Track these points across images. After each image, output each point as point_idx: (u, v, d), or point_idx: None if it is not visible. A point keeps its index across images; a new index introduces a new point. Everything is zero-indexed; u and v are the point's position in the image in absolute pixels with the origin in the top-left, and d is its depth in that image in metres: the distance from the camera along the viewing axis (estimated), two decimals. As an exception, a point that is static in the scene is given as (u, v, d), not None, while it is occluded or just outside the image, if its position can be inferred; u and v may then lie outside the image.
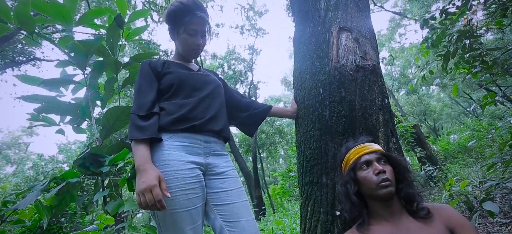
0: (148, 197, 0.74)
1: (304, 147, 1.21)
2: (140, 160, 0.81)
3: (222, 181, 0.95)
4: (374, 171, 0.76)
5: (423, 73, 3.12)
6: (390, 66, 17.61)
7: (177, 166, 0.85)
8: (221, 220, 0.89)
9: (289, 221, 3.47)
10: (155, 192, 0.74)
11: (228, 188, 0.94)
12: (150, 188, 0.74)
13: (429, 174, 3.24)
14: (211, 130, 0.97)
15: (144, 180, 0.76)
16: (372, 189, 0.75)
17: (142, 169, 0.79)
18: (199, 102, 0.98)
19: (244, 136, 17.15)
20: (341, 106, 1.17)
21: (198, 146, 0.94)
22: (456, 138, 7.29)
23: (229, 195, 0.93)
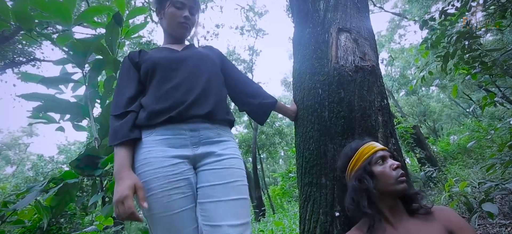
0: (121, 209, 0.67)
1: (303, 148, 1.21)
2: (116, 167, 0.74)
3: (211, 173, 0.79)
4: (391, 166, 0.76)
5: (422, 74, 3.13)
6: (390, 67, 17.63)
7: (158, 163, 0.75)
8: (202, 222, 0.73)
9: (288, 222, 3.46)
10: (126, 204, 0.67)
11: (215, 181, 0.77)
12: (122, 200, 0.67)
13: (429, 175, 3.24)
14: (195, 115, 0.82)
15: (117, 190, 0.69)
16: (390, 184, 0.73)
17: (118, 178, 0.72)
18: (176, 85, 0.85)
19: (244, 136, 17.15)
20: (340, 107, 1.17)
21: (184, 137, 0.80)
22: (456, 139, 7.30)
23: (215, 191, 0.76)
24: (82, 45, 1.03)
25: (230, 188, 0.78)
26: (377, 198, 0.75)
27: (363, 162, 0.79)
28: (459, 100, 13.62)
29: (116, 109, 0.83)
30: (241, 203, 0.78)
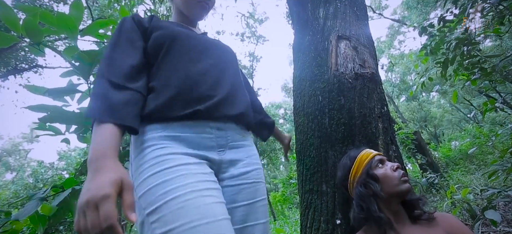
0: (92, 218, 0.41)
1: (304, 155, 1.21)
2: (94, 152, 0.48)
3: (238, 189, 0.63)
4: (392, 168, 0.77)
5: (422, 80, 3.14)
6: (390, 73, 17.69)
7: (180, 160, 0.55)
8: None
9: (289, 229, 3.42)
10: (104, 210, 0.41)
11: (244, 201, 0.63)
12: (96, 202, 0.41)
13: (430, 181, 3.22)
14: (226, 115, 0.66)
15: (90, 186, 0.43)
16: (394, 184, 0.74)
17: (93, 167, 0.46)
18: (203, 73, 0.66)
19: (244, 142, 17.05)
20: (341, 114, 1.17)
21: (210, 137, 0.63)
22: (458, 145, 7.26)
23: (243, 213, 0.61)
24: (88, 56, 1.04)
25: (259, 209, 0.65)
26: (383, 203, 0.75)
27: (364, 167, 0.80)
28: (460, 106, 13.61)
29: (114, 73, 0.58)
30: (266, 228, 0.66)
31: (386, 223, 0.72)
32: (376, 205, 0.74)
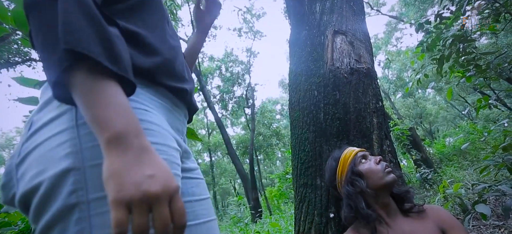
0: (163, 215, 0.32)
1: (299, 149, 1.21)
2: (126, 119, 0.35)
3: (196, 183, 0.58)
4: (375, 161, 0.78)
5: (418, 77, 3.16)
6: (387, 70, 17.78)
7: (168, 139, 0.46)
8: None
9: (285, 223, 3.46)
10: (179, 206, 0.34)
11: (202, 194, 0.58)
12: (171, 195, 0.33)
13: (424, 176, 3.27)
14: (193, 105, 0.61)
15: (150, 171, 0.33)
16: (379, 177, 0.75)
17: (136, 144, 0.34)
18: (177, 50, 0.58)
19: (241, 137, 17.14)
20: (336, 109, 1.18)
21: (180, 121, 0.57)
22: (452, 141, 7.37)
23: (204, 207, 0.57)
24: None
25: (210, 205, 0.61)
26: (372, 198, 0.76)
27: (348, 166, 0.81)
28: (455, 103, 13.77)
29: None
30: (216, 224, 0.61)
31: (375, 219, 0.73)
32: (363, 202, 0.75)
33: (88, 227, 0.35)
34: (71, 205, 0.35)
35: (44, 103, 0.42)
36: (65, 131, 0.38)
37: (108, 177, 0.32)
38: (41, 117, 0.41)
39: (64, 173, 0.36)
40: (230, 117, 18.07)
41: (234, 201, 3.79)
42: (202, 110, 20.78)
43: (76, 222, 0.35)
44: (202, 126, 21.28)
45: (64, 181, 0.36)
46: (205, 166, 21.94)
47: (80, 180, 0.36)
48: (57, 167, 0.36)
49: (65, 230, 0.35)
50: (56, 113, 0.40)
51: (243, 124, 20.90)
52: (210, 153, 21.37)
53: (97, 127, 0.34)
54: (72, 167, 0.36)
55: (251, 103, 13.95)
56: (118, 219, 0.29)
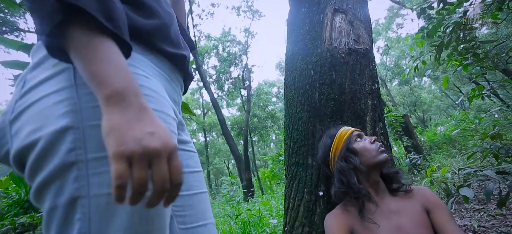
0: (162, 171, 0.32)
1: (292, 128, 1.20)
2: (125, 78, 0.34)
3: (189, 155, 0.58)
4: (369, 141, 0.80)
5: (416, 63, 3.14)
6: (385, 56, 17.67)
7: (166, 107, 0.45)
8: (178, 226, 0.51)
9: (276, 203, 3.57)
10: (177, 164, 0.33)
11: (195, 167, 0.58)
12: (170, 153, 0.33)
13: (413, 162, 3.37)
14: (189, 74, 0.60)
15: (151, 129, 0.33)
16: (373, 156, 0.77)
17: (136, 102, 0.34)
18: (172, 16, 0.57)
19: (236, 119, 17.18)
20: (331, 89, 1.16)
21: (177, 91, 0.56)
22: (443, 130, 7.54)
23: (197, 179, 0.57)
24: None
25: (202, 177, 0.61)
26: (363, 175, 0.78)
27: (343, 143, 0.82)
28: (449, 92, 13.93)
29: None
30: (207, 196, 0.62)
31: (365, 195, 0.75)
32: (356, 178, 0.76)
33: (86, 185, 0.35)
34: (69, 163, 0.35)
35: (37, 62, 0.41)
36: (63, 90, 0.37)
37: (108, 132, 0.31)
38: (35, 76, 0.39)
39: (62, 131, 0.35)
40: (226, 98, 17.97)
41: (227, 181, 3.86)
42: (198, 89, 20.56)
43: (74, 179, 0.35)
44: (198, 106, 21.16)
45: (63, 139, 0.35)
46: (200, 145, 22.13)
47: (79, 139, 0.36)
48: (56, 125, 0.35)
49: (63, 187, 0.35)
50: (53, 72, 0.39)
51: (238, 105, 20.87)
52: (204, 133, 21.46)
53: (96, 83, 0.33)
54: (71, 125, 0.36)
55: (247, 84, 13.83)
56: (119, 172, 0.29)
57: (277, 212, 2.89)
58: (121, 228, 0.35)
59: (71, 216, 0.34)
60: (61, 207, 0.34)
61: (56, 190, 0.35)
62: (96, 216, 0.34)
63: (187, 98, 19.56)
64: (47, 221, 0.35)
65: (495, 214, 1.79)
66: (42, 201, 0.36)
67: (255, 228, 2.44)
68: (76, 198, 0.34)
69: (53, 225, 0.35)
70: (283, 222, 1.11)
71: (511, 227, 1.50)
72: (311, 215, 0.99)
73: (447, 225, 0.69)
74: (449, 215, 0.72)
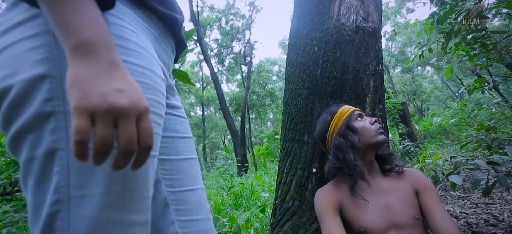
0: (130, 132, 0.29)
1: (290, 104, 1.19)
2: (96, 29, 0.32)
3: (179, 120, 0.56)
4: (370, 121, 0.80)
5: (422, 51, 3.06)
6: (391, 42, 17.25)
7: (153, 65, 0.42)
8: (166, 189, 0.50)
9: (268, 179, 3.67)
10: (148, 127, 0.31)
11: (185, 133, 0.57)
12: (140, 114, 0.31)
13: (406, 149, 3.44)
14: (182, 39, 0.57)
15: (120, 86, 0.30)
16: (371, 136, 0.77)
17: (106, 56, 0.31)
18: None
19: (235, 94, 17.08)
20: (334, 67, 1.13)
21: (167, 54, 0.53)
22: (439, 120, 7.61)
23: (186, 145, 0.55)
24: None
25: (192, 143, 0.59)
26: (360, 153, 0.78)
27: (344, 120, 0.81)
28: (451, 84, 13.86)
29: None
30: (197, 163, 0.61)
31: (359, 173, 0.75)
32: (352, 155, 0.77)
33: (64, 138, 0.33)
34: (46, 114, 0.33)
35: (9, 6, 0.38)
36: (39, 35, 0.34)
37: (72, 84, 0.29)
38: (8, 19, 0.36)
39: (38, 79, 0.33)
40: (226, 73, 17.70)
41: (222, 155, 3.92)
42: (198, 62, 20.15)
43: (52, 131, 0.33)
44: (197, 79, 20.89)
45: (38, 88, 0.33)
46: (197, 119, 22.22)
47: (56, 89, 0.33)
48: (30, 72, 0.33)
49: (40, 139, 0.33)
50: (27, 16, 0.36)
51: (238, 82, 20.64)
52: (202, 107, 21.45)
53: (62, 31, 0.30)
54: (47, 74, 0.33)
55: (248, 60, 13.56)
56: (79, 127, 0.27)
57: (269, 187, 2.98)
58: (101, 184, 0.33)
59: (49, 169, 0.33)
60: (38, 159, 0.33)
61: (32, 141, 0.33)
62: (75, 170, 0.33)
63: (186, 70, 19.24)
64: (24, 173, 0.34)
65: (478, 203, 1.86)
66: (19, 152, 0.34)
67: (247, 200, 2.52)
68: (54, 150, 0.33)
69: (30, 177, 0.33)
70: (274, 196, 1.14)
71: (491, 215, 1.57)
72: (303, 190, 1.02)
73: (434, 207, 0.71)
74: (437, 198, 0.73)
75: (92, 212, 0.32)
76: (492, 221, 1.46)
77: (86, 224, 0.32)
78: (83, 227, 0.32)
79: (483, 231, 1.31)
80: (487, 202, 1.85)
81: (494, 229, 1.33)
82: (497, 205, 1.76)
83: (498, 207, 1.72)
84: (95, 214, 0.32)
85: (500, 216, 1.51)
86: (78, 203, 0.32)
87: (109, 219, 0.33)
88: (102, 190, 0.33)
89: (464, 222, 1.51)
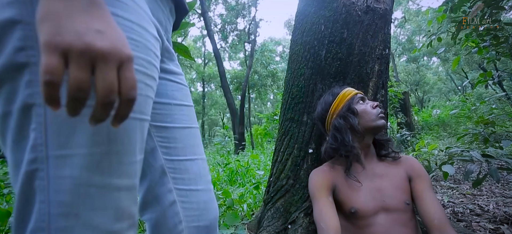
0: (109, 78, 0.27)
1: (292, 84, 1.17)
2: None
3: (177, 87, 0.53)
4: (371, 106, 0.80)
5: (432, 39, 2.97)
6: (399, 29, 16.72)
7: (144, 21, 0.39)
8: (163, 156, 0.49)
9: (265, 158, 3.72)
10: (131, 76, 0.28)
11: (184, 100, 0.54)
12: (121, 61, 0.28)
13: (403, 138, 3.47)
14: (181, 1, 0.54)
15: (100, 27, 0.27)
16: (371, 119, 0.77)
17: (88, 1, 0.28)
18: None
19: (236, 72, 16.85)
20: (339, 48, 1.09)
21: (163, 12, 0.49)
22: (439, 112, 7.61)
23: (184, 113, 0.53)
24: None
25: (192, 112, 0.56)
26: (358, 136, 0.78)
27: (345, 102, 0.80)
28: (455, 76, 13.66)
29: None
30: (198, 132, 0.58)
31: (355, 155, 0.76)
32: (350, 137, 0.76)
33: (40, 92, 0.30)
34: (20, 64, 0.30)
35: None
36: None
37: (44, 16, 0.25)
38: None
39: (7, 25, 0.30)
40: (229, 50, 17.31)
41: (220, 132, 3.95)
42: (201, 37, 19.60)
43: (27, 84, 0.30)
44: (199, 54, 20.47)
45: (8, 34, 0.30)
46: (197, 95, 22.10)
47: (29, 37, 0.30)
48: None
49: (15, 92, 0.30)
50: None
51: (240, 60, 20.25)
52: (203, 83, 21.24)
53: None
54: (18, 19, 0.30)
55: (252, 38, 13.20)
56: (49, 65, 0.23)
57: (265, 166, 3.04)
58: (83, 144, 0.30)
59: (26, 125, 0.30)
60: (14, 115, 0.30)
61: (7, 95, 0.30)
62: (53, 128, 0.30)
63: (189, 45, 18.77)
64: (2, 128, 0.32)
65: (466, 193, 1.90)
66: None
67: (242, 177, 2.58)
68: (30, 105, 0.30)
69: (8, 133, 0.31)
70: (269, 173, 1.16)
71: (477, 206, 1.61)
72: (298, 169, 1.03)
73: (425, 194, 0.72)
74: (429, 185, 0.74)
75: (73, 173, 0.30)
76: (478, 211, 1.50)
77: (67, 185, 0.30)
78: (64, 188, 0.30)
79: (468, 219, 1.36)
80: (475, 193, 1.90)
81: (478, 218, 1.38)
82: (485, 197, 1.81)
83: (485, 198, 1.77)
84: (77, 175, 0.30)
85: (486, 207, 1.56)
86: (58, 163, 0.30)
87: (92, 182, 0.31)
88: (84, 151, 0.31)
89: (451, 211, 1.56)
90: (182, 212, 0.50)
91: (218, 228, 1.23)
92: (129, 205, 0.35)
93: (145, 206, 0.51)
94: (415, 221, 0.73)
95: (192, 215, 0.50)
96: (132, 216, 0.36)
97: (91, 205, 0.31)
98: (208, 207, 0.52)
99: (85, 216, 0.30)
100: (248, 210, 1.42)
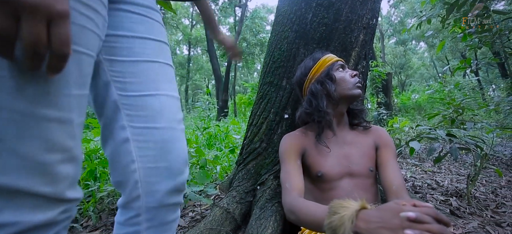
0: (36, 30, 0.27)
1: (274, 47, 1.11)
2: None
3: (139, 19, 0.49)
4: (350, 74, 0.78)
5: (422, 20, 2.96)
6: (393, 10, 16.54)
7: None
8: (117, 92, 0.46)
9: (245, 125, 3.74)
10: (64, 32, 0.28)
11: (148, 34, 0.49)
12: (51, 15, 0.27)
13: (380, 117, 3.61)
14: None
15: None
16: (348, 88, 0.76)
17: None
18: None
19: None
20: (327, 13, 1.03)
21: None
22: (417, 97, 7.95)
23: (148, 47, 0.49)
24: None
25: (161, 48, 0.51)
26: (333, 103, 0.77)
27: (325, 68, 0.77)
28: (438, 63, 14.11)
29: None
30: (173, 74, 0.54)
31: (328, 121, 0.75)
32: (325, 103, 0.75)
33: None
34: None
35: None
36: None
37: None
38: None
39: None
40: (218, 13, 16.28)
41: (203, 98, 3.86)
42: (187, -6, 18.06)
43: None
44: (187, 15, 19.11)
45: None
46: (183, 58, 21.14)
47: None
48: None
49: None
50: None
51: (230, 25, 19.26)
52: (189, 46, 20.23)
53: None
54: None
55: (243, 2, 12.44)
56: None
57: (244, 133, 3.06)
58: (4, 67, 0.29)
59: None
60: None
61: None
62: None
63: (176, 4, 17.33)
64: None
65: (427, 171, 2.07)
66: None
67: (220, 142, 2.58)
68: None
69: None
70: (244, 136, 1.15)
71: (434, 181, 1.76)
72: (272, 133, 1.02)
73: (389, 162, 0.75)
74: (393, 155, 0.77)
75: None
76: (434, 186, 1.64)
77: None
78: None
79: (424, 192, 1.48)
80: (435, 170, 2.07)
81: (433, 191, 1.51)
82: (442, 174, 1.97)
83: (442, 175, 1.93)
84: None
85: (441, 183, 1.71)
86: None
87: (15, 107, 0.29)
88: (4, 73, 0.29)
89: (411, 184, 1.69)
90: (135, 151, 0.46)
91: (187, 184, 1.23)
92: (64, 138, 0.33)
93: (104, 142, 0.49)
94: (376, 187, 0.77)
95: (147, 155, 0.47)
96: (67, 150, 0.34)
97: (16, 132, 0.29)
98: (169, 147, 0.48)
99: (10, 142, 0.29)
100: (222, 172, 1.43)
